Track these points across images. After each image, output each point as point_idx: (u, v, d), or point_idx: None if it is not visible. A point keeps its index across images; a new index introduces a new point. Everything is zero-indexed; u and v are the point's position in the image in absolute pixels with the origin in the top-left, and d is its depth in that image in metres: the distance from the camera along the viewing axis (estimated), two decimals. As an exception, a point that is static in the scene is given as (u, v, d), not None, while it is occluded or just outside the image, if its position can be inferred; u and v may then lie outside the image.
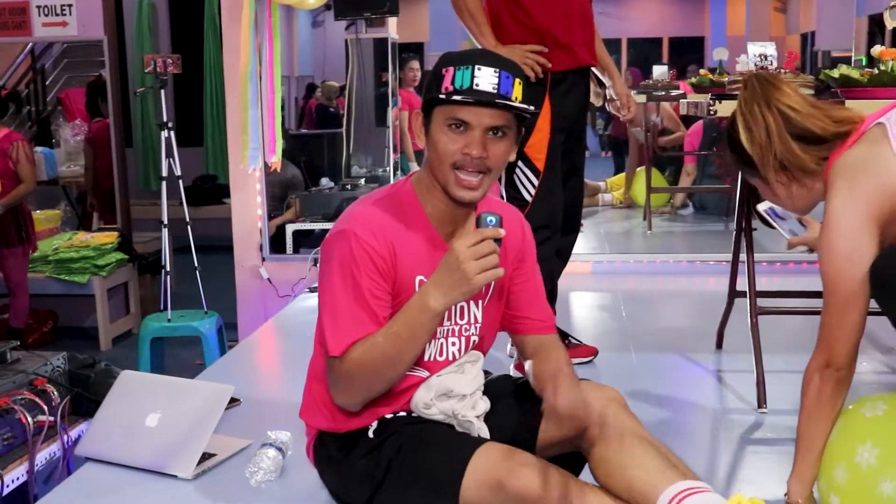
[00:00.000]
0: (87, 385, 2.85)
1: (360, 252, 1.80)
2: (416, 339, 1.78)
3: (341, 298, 1.81)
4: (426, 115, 1.86)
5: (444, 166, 1.82)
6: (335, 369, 1.83)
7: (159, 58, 4.57)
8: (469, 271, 1.68)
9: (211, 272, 5.07)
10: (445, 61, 1.84)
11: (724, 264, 4.75)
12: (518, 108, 1.81)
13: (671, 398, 2.94)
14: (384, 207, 1.88)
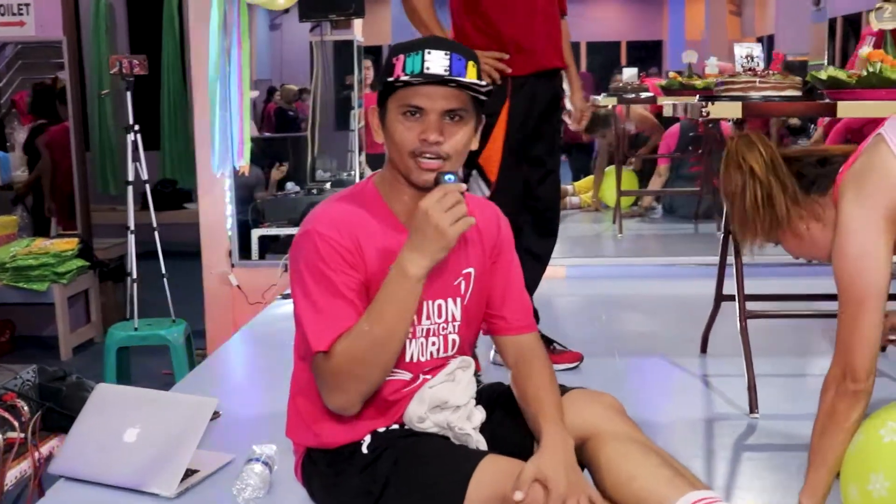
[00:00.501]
0: (58, 399, 2.74)
1: (326, 248, 1.76)
2: (403, 313, 1.73)
3: (317, 296, 1.75)
4: (381, 108, 1.82)
5: (403, 156, 1.77)
6: (323, 368, 1.75)
7: (125, 59, 4.46)
8: (441, 224, 1.65)
9: (175, 279, 4.96)
10: (396, 50, 1.80)
11: (699, 267, 4.83)
12: (471, 84, 1.76)
13: (660, 404, 2.91)
14: (347, 205, 1.84)
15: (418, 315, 1.84)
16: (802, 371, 3.17)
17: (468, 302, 1.92)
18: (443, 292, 1.88)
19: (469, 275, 1.91)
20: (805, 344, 2.98)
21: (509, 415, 1.93)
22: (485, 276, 1.94)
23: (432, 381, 1.89)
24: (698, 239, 6.00)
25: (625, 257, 5.34)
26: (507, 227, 2.01)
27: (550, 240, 3.29)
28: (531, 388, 1.87)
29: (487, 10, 3.00)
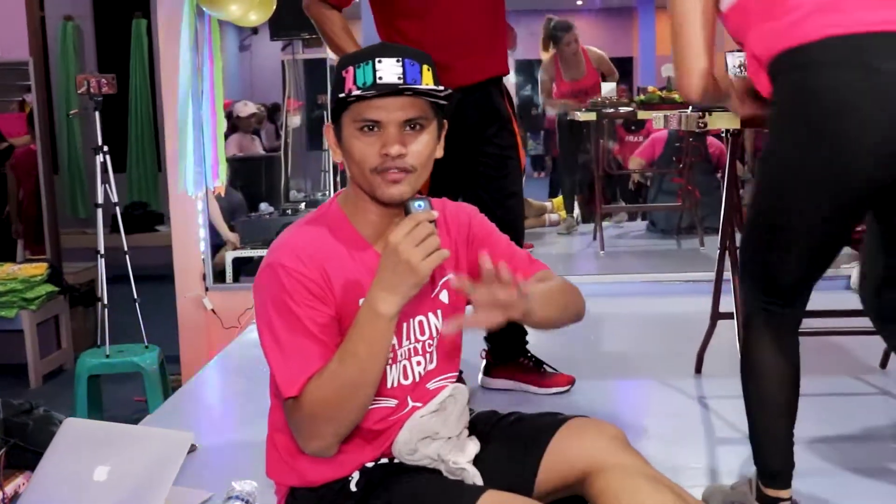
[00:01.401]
0: (24, 434, 2.60)
1: (291, 282, 1.62)
2: (376, 353, 1.60)
3: (284, 335, 1.62)
4: (336, 125, 1.70)
5: (364, 174, 1.65)
6: (296, 413, 1.63)
7: (93, 78, 4.33)
8: (412, 259, 1.52)
9: (148, 302, 4.83)
10: (344, 62, 1.68)
11: (685, 283, 4.76)
12: (427, 90, 1.64)
13: (658, 429, 2.79)
14: (311, 231, 1.72)
15: (398, 337, 1.72)
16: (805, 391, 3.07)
17: (448, 310, 1.81)
18: (423, 307, 1.76)
19: (449, 282, 1.80)
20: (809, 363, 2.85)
21: (505, 446, 1.81)
22: (469, 273, 1.82)
23: (422, 410, 1.77)
24: (681, 254, 5.91)
25: (608, 274, 5.25)
26: (479, 217, 1.91)
27: None
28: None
29: (402, 27, 2.90)
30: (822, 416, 2.74)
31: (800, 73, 1.72)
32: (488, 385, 3.21)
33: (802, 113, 1.72)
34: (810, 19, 1.68)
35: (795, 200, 1.80)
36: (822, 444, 2.59)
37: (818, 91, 1.68)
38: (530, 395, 3.11)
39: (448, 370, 1.85)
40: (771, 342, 1.99)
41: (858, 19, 1.63)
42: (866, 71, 1.62)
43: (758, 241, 1.95)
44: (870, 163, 1.67)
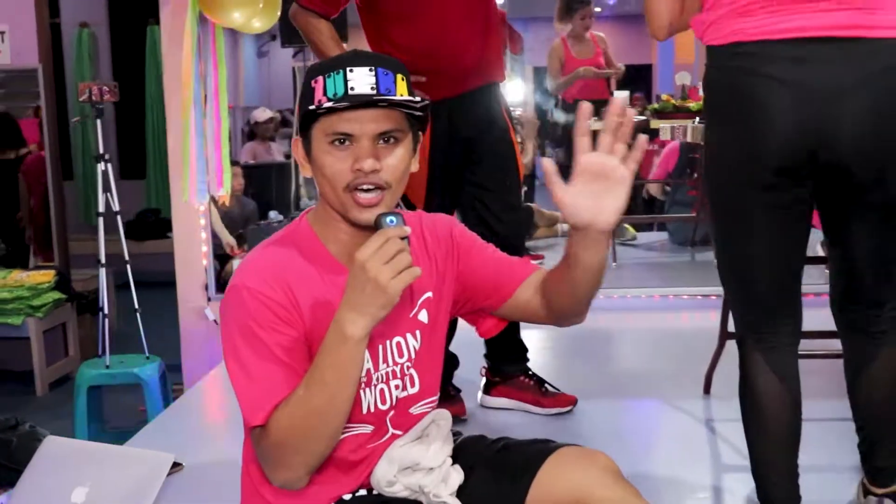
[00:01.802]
0: (8, 451, 2.55)
1: (255, 305, 1.53)
2: (345, 378, 1.49)
3: (249, 361, 1.53)
4: (305, 138, 1.60)
5: (336, 191, 1.56)
6: (262, 443, 1.54)
7: (94, 86, 4.29)
8: (381, 279, 1.42)
9: (156, 310, 4.79)
10: (314, 71, 1.59)
11: (697, 299, 4.65)
12: (402, 102, 1.55)
13: (662, 454, 2.71)
14: (277, 250, 1.63)
15: (374, 360, 1.64)
16: (817, 416, 2.96)
17: (433, 329, 1.72)
18: (401, 328, 1.67)
19: (429, 300, 1.71)
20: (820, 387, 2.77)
21: (491, 476, 1.72)
22: (452, 289, 1.75)
23: (402, 438, 1.69)
24: (696, 267, 5.80)
25: (620, 288, 5.15)
26: (460, 226, 1.82)
27: None
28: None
29: (391, 33, 2.82)
30: (829, 442, 2.66)
31: (718, 72, 1.86)
32: (487, 403, 3.12)
33: (724, 109, 1.87)
34: (723, 21, 1.81)
35: (730, 186, 1.88)
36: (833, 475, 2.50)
37: (733, 90, 1.82)
38: (531, 414, 3.02)
39: (430, 393, 1.76)
40: (765, 363, 1.96)
41: (760, 27, 1.76)
42: (767, 76, 1.76)
43: (723, 249, 1.97)
44: (780, 147, 1.79)
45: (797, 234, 1.92)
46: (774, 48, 1.74)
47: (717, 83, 1.87)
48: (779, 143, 1.78)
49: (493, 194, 2.93)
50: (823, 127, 1.74)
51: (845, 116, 1.73)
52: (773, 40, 1.74)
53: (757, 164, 1.81)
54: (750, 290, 1.96)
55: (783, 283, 1.94)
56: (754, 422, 2.01)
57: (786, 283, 1.95)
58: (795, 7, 1.73)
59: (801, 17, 1.72)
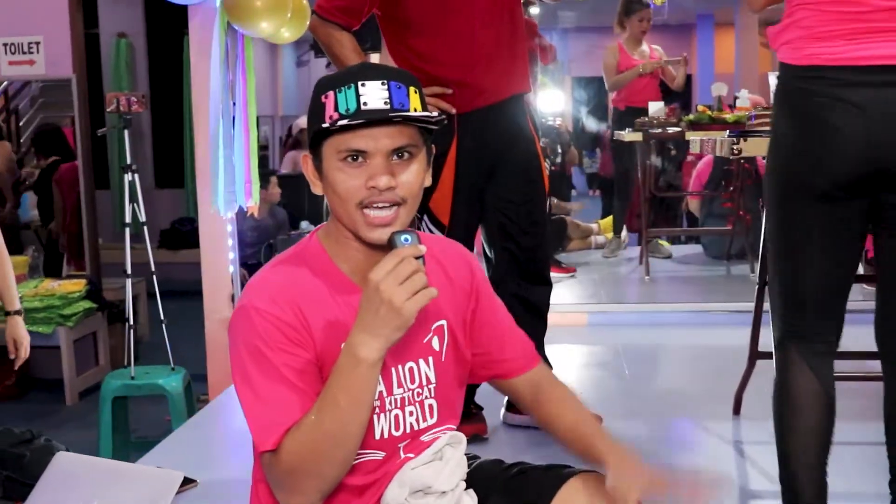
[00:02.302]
0: (20, 465, 2.52)
1: (264, 326, 1.49)
2: (359, 402, 1.45)
3: (258, 383, 1.49)
4: (315, 155, 1.55)
5: (349, 208, 1.51)
6: (273, 468, 1.50)
7: (122, 96, 4.29)
8: (395, 300, 1.37)
9: (187, 319, 4.79)
10: (324, 85, 1.53)
11: (731, 314, 4.55)
12: (418, 118, 1.49)
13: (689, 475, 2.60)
14: (287, 270, 1.58)
15: (388, 384, 1.58)
16: (850, 440, 2.87)
17: (446, 359, 1.66)
18: (413, 353, 1.62)
19: (442, 328, 1.65)
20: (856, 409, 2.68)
21: (504, 501, 1.67)
22: (464, 327, 1.69)
23: (415, 461, 1.63)
24: (731, 281, 5.70)
25: (651, 303, 5.06)
26: (479, 266, 1.77)
27: (540, 288, 2.97)
28: (567, 418, 1.70)
29: (415, 45, 2.78)
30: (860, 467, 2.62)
31: (793, 89, 1.96)
32: (510, 421, 3.05)
33: (795, 123, 1.95)
34: (802, 43, 1.90)
35: (792, 199, 1.97)
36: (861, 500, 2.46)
37: (806, 108, 1.91)
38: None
39: (448, 422, 1.70)
40: (806, 366, 2.03)
41: (838, 53, 1.85)
42: (840, 98, 1.86)
43: (776, 256, 2.06)
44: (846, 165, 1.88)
45: (851, 249, 2.01)
46: (851, 74, 1.84)
47: (793, 99, 1.95)
48: (847, 161, 1.87)
49: (519, 208, 2.87)
50: (892, 143, 1.84)
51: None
52: (850, 66, 1.84)
53: (822, 178, 1.90)
54: (799, 295, 2.03)
55: (832, 292, 2.03)
56: (789, 421, 2.06)
57: (834, 292, 2.03)
58: (872, 37, 1.82)
59: (878, 46, 1.82)
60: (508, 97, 2.86)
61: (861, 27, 1.83)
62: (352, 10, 2.75)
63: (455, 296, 1.67)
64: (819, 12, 1.87)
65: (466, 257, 1.76)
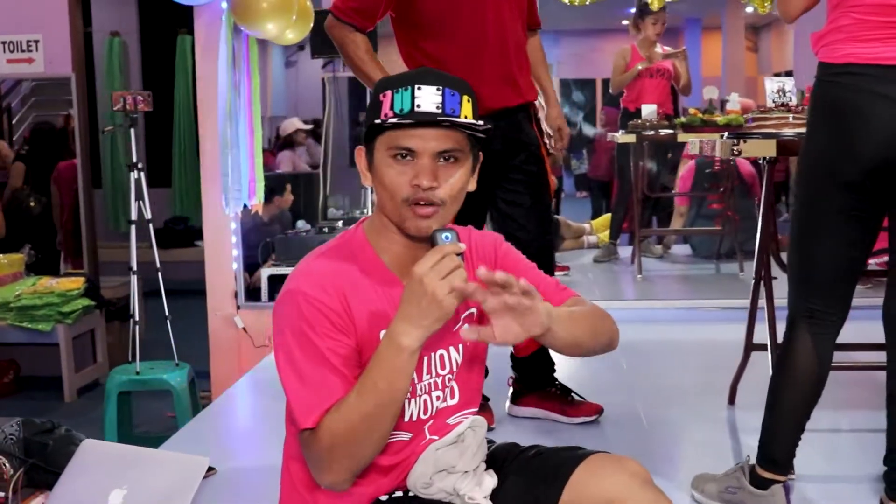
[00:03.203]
0: (44, 454, 2.58)
1: (311, 311, 1.58)
2: (396, 388, 1.54)
3: (302, 365, 1.58)
4: (369, 149, 1.65)
5: (395, 202, 1.61)
6: (312, 445, 1.58)
7: (129, 95, 4.36)
8: (438, 293, 1.46)
9: (184, 317, 4.85)
10: (383, 85, 1.63)
11: (722, 311, 4.66)
12: (466, 124, 1.60)
13: (688, 463, 2.71)
14: (333, 258, 1.66)
15: (419, 371, 1.67)
16: (841, 427, 2.99)
17: (472, 344, 1.75)
18: (444, 341, 1.71)
19: (472, 316, 1.75)
20: (845, 398, 2.80)
21: (523, 481, 1.76)
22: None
23: (439, 442, 1.72)
24: (721, 280, 5.81)
25: (645, 300, 5.17)
26: (505, 245, 1.86)
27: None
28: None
29: (426, 47, 2.84)
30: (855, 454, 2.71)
31: (829, 84, 2.13)
32: (515, 413, 3.14)
33: (828, 115, 2.14)
34: (841, 45, 2.09)
35: (822, 184, 2.15)
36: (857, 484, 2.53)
37: (840, 101, 2.10)
38: (558, 423, 3.05)
39: (469, 405, 1.79)
40: (810, 342, 2.23)
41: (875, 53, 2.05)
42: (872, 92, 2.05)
43: (799, 238, 2.24)
44: (872, 151, 2.07)
45: (866, 239, 2.20)
46: (883, 71, 2.03)
47: (829, 93, 2.14)
48: (876, 148, 2.06)
49: (526, 211, 2.95)
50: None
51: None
52: (882, 65, 2.04)
53: (852, 165, 2.09)
54: (815, 276, 2.22)
55: (844, 274, 2.22)
56: (784, 385, 2.29)
57: (846, 275, 2.23)
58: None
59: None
60: (517, 105, 2.94)
61: (890, 33, 2.02)
62: (366, 12, 2.81)
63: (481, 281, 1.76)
64: (861, 20, 2.05)
65: (491, 238, 1.85)
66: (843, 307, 2.25)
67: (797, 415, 2.28)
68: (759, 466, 2.30)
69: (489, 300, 1.51)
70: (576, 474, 1.70)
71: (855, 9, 2.06)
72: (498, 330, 1.53)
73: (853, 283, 2.25)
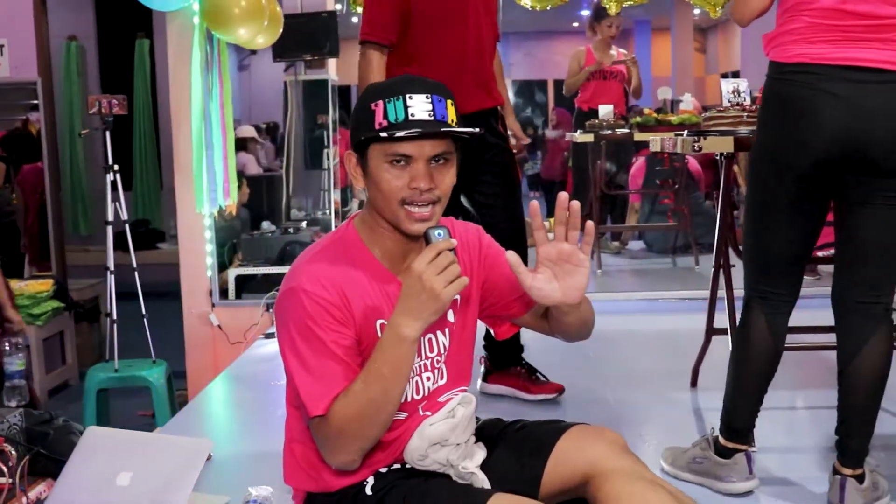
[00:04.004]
0: (45, 443, 2.67)
1: (314, 307, 1.71)
2: (399, 374, 1.69)
3: (309, 357, 1.71)
4: (362, 154, 1.78)
5: (392, 205, 1.74)
6: (323, 430, 1.72)
7: (104, 98, 4.45)
8: (435, 287, 1.61)
9: (153, 318, 4.90)
10: (372, 94, 1.75)
11: (681, 301, 4.86)
12: (462, 132, 1.75)
13: (655, 439, 2.90)
14: (329, 256, 1.80)
15: None
16: (797, 404, 3.20)
17: (458, 327, 1.90)
18: (433, 326, 1.83)
19: (456, 302, 1.89)
20: (800, 377, 3.01)
21: (511, 452, 1.91)
22: (478, 291, 1.93)
23: (432, 418, 1.86)
24: (677, 273, 6.00)
25: (606, 292, 5.35)
26: (488, 238, 2.01)
27: None
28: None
29: (418, 54, 3.04)
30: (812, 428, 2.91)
31: (781, 82, 2.28)
32: (485, 390, 3.38)
33: (780, 110, 2.28)
34: (793, 45, 2.25)
35: (775, 175, 2.30)
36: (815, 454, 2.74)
37: (791, 97, 2.25)
38: (528, 403, 3.26)
39: (459, 384, 1.93)
40: (764, 321, 2.41)
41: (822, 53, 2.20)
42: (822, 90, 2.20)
43: (753, 226, 2.40)
44: (821, 144, 2.22)
45: (814, 225, 2.37)
46: (832, 71, 2.19)
47: (781, 90, 2.28)
48: (826, 142, 2.20)
49: (501, 211, 3.19)
50: (864, 130, 2.18)
51: (878, 123, 2.18)
52: (831, 64, 2.19)
53: (802, 157, 2.24)
54: (769, 260, 2.40)
55: (795, 258, 2.40)
56: (743, 360, 2.47)
57: (797, 258, 2.40)
58: (852, 43, 2.18)
59: (854, 50, 2.17)
60: (489, 108, 3.19)
61: (839, 35, 2.18)
62: (382, 24, 3.02)
63: (472, 268, 1.91)
64: (812, 24, 2.21)
65: (472, 229, 2.00)
66: (793, 289, 2.43)
67: (755, 388, 2.46)
68: (722, 437, 2.50)
69: (546, 246, 1.70)
70: (559, 444, 1.85)
71: (807, 12, 2.21)
72: (542, 281, 1.72)
73: (802, 266, 2.43)
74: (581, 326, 1.87)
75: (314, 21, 5.94)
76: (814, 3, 2.21)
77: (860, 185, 2.26)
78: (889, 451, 2.73)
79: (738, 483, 2.44)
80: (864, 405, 2.34)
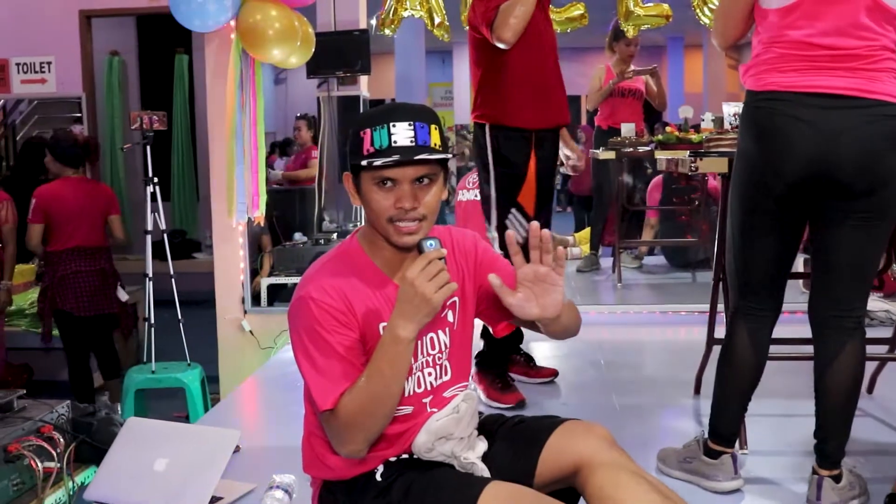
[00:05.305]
0: (89, 432, 2.91)
1: (320, 313, 1.88)
2: (397, 371, 1.86)
3: (318, 357, 1.89)
4: (356, 176, 1.95)
5: (381, 222, 1.91)
6: (332, 423, 1.90)
7: (145, 114, 4.67)
8: (426, 293, 1.79)
9: (187, 325, 5.08)
10: (361, 123, 1.91)
11: (695, 314, 4.97)
12: (437, 158, 1.90)
13: (656, 439, 3.06)
14: (334, 266, 1.97)
15: (413, 354, 1.96)
16: (789, 411, 3.34)
17: (457, 327, 2.07)
18: (433, 326, 2.02)
19: (454, 304, 2.06)
20: (791, 385, 3.16)
21: (509, 444, 2.08)
22: (474, 294, 2.10)
23: (438, 414, 2.03)
24: (696, 288, 6.10)
25: (624, 304, 5.49)
26: (484, 245, 2.17)
27: None
28: None
29: (512, 63, 3.36)
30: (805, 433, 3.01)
31: (755, 109, 2.44)
32: (489, 402, 3.52)
33: (755, 135, 2.44)
34: (765, 74, 2.41)
35: (753, 197, 2.46)
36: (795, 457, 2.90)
37: (764, 123, 2.41)
38: (542, 402, 3.46)
39: (461, 380, 2.11)
40: (747, 336, 2.58)
41: (793, 82, 2.36)
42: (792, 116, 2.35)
43: (734, 245, 2.56)
44: (794, 168, 2.37)
45: (792, 242, 2.52)
46: (801, 98, 2.34)
47: (755, 116, 2.44)
48: (798, 166, 2.35)
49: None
50: (831, 153, 2.33)
51: (847, 147, 2.32)
52: (800, 92, 2.34)
53: (777, 180, 2.39)
54: (750, 277, 2.55)
55: (775, 275, 2.55)
56: (728, 372, 2.64)
57: (777, 275, 2.56)
58: (819, 72, 2.33)
59: (823, 78, 2.32)
60: (563, 125, 3.62)
61: (808, 65, 2.33)
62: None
63: (465, 274, 2.09)
64: (782, 54, 2.37)
65: (469, 236, 2.17)
66: (774, 304, 2.58)
67: (738, 397, 2.63)
68: (710, 440, 2.68)
69: (523, 268, 1.90)
70: (552, 438, 2.02)
71: (778, 45, 2.37)
72: (521, 300, 1.91)
73: (783, 282, 2.59)
74: (564, 331, 2.06)
75: (346, 38, 6.14)
76: (784, 37, 2.36)
77: (833, 206, 2.40)
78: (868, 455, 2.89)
79: (723, 482, 2.62)
80: (839, 411, 2.49)
